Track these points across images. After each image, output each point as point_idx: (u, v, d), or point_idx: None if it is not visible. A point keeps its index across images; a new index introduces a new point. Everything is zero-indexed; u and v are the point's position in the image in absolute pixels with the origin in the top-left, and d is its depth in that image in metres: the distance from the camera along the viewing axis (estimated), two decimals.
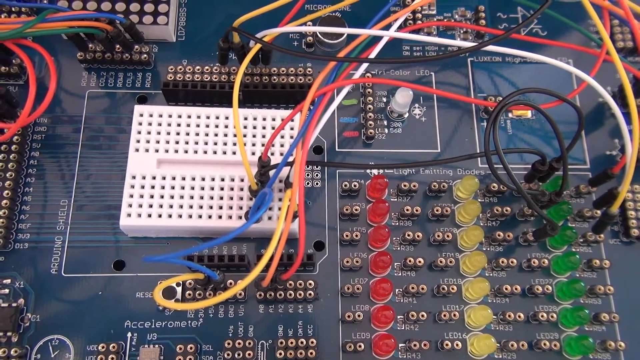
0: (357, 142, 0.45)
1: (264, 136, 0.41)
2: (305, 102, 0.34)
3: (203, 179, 0.39)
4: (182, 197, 0.39)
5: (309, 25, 0.41)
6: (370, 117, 0.44)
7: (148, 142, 0.40)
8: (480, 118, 0.46)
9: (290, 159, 0.35)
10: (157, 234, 0.40)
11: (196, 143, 0.40)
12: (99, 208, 0.41)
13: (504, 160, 0.34)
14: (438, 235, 0.40)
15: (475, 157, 0.38)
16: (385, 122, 0.45)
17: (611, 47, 0.36)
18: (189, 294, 0.38)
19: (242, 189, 0.39)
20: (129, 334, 0.38)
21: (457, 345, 0.38)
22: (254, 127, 0.41)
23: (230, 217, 0.39)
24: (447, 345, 0.38)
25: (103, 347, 0.36)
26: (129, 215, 0.38)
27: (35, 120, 0.43)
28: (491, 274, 0.41)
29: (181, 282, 0.39)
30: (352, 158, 0.44)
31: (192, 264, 0.33)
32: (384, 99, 0.46)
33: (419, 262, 0.40)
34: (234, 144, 0.40)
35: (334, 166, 0.43)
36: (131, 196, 0.39)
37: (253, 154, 0.40)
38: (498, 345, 0.39)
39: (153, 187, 0.39)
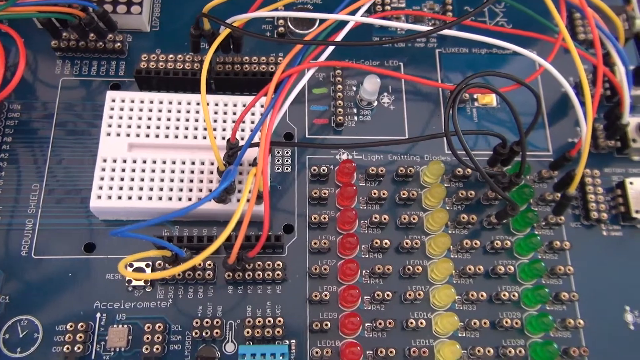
0: (327, 130, 0.46)
1: (233, 121, 0.42)
2: (270, 84, 0.35)
3: (174, 163, 0.40)
4: (152, 180, 0.40)
5: (280, 11, 0.42)
6: (339, 104, 0.45)
7: (120, 126, 0.41)
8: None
9: (257, 140, 0.36)
10: (128, 217, 0.41)
11: (167, 128, 0.41)
12: (70, 192, 0.42)
13: (463, 141, 0.36)
14: (404, 218, 0.41)
15: (437, 137, 0.39)
16: (355, 110, 0.46)
17: (566, 34, 0.37)
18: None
19: (212, 172, 0.40)
20: (98, 315, 0.38)
21: (421, 323, 0.39)
22: (225, 113, 0.42)
23: (200, 199, 0.39)
24: (411, 323, 0.39)
25: (71, 327, 0.37)
26: (99, 197, 0.39)
27: (9, 106, 0.44)
28: (456, 256, 0.42)
29: (151, 264, 0.39)
30: (321, 142, 0.45)
31: (157, 240, 0.33)
32: (354, 88, 0.47)
33: (386, 244, 0.41)
34: (204, 129, 0.41)
35: (298, 146, 0.44)
36: (102, 179, 0.39)
37: (223, 138, 0.41)
38: (462, 323, 0.40)
39: (124, 170, 0.40)
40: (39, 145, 0.43)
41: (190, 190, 0.40)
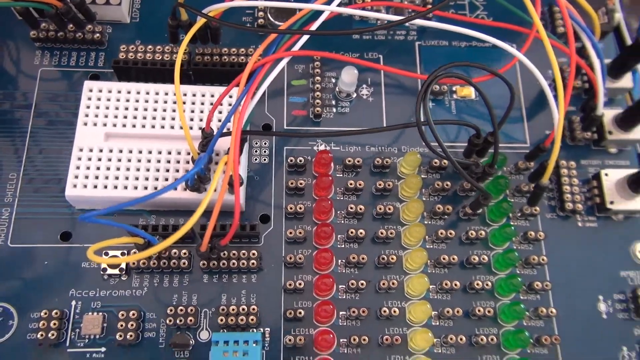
0: (306, 121, 0.46)
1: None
2: (243, 73, 0.35)
3: (150, 152, 0.40)
4: (128, 169, 0.40)
5: (257, 0, 0.42)
6: (318, 96, 0.45)
7: (96, 116, 0.41)
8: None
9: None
10: (105, 207, 0.41)
11: (144, 118, 0.41)
12: (48, 181, 0.42)
13: (434, 129, 0.36)
14: (380, 209, 0.42)
15: (409, 126, 0.40)
16: (334, 102, 0.47)
17: (539, 25, 0.38)
18: (134, 264, 0.39)
19: (188, 162, 0.40)
20: (73, 302, 0.39)
21: (394, 312, 0.39)
22: (202, 104, 0.42)
23: (175, 188, 0.40)
24: (385, 312, 0.39)
25: (46, 314, 0.37)
26: (75, 186, 0.39)
27: None
28: (431, 246, 0.42)
29: (126, 252, 0.39)
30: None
31: (129, 227, 0.33)
32: (333, 80, 0.47)
33: (361, 233, 0.41)
34: (172, 119, 0.41)
35: (271, 135, 0.44)
36: (77, 168, 0.40)
37: (200, 129, 0.41)
38: (435, 312, 0.40)
39: (100, 159, 0.40)
40: (17, 134, 0.43)
41: (166, 179, 0.40)
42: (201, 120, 0.42)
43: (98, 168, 0.40)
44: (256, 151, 0.44)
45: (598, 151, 0.47)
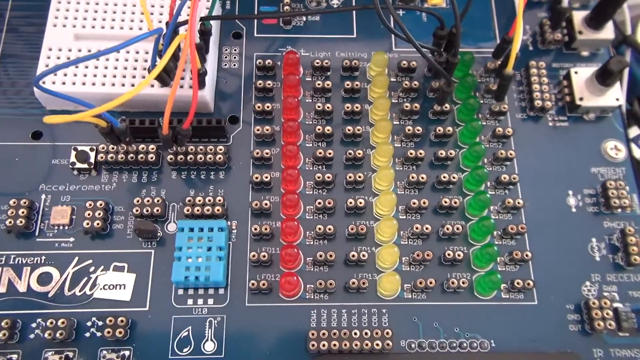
0: (276, 29, 0.46)
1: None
2: None
3: (118, 52, 0.41)
4: (96, 67, 0.40)
5: None
6: (287, 2, 0.46)
7: (66, 18, 0.42)
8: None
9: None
10: (76, 107, 0.42)
11: (113, 20, 0.42)
12: (19, 85, 0.42)
13: (392, 10, 0.36)
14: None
15: (368, 8, 0.40)
16: (304, 10, 0.47)
17: None
18: (102, 157, 0.39)
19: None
20: (43, 196, 0.39)
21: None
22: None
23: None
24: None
25: (14, 202, 0.38)
26: (44, 82, 0.40)
27: None
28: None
29: (95, 148, 0.40)
30: (270, 41, 0.45)
31: (89, 104, 0.34)
32: None
33: (328, 130, 0.41)
34: (141, 21, 0.42)
35: (226, 19, 0.45)
36: (47, 66, 0.40)
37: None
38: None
39: (69, 58, 0.40)
40: None
41: (134, 77, 0.40)
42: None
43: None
44: (226, 57, 0.45)
45: (570, 55, 0.46)
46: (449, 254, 0.38)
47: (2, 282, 0.37)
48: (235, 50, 0.45)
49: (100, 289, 0.37)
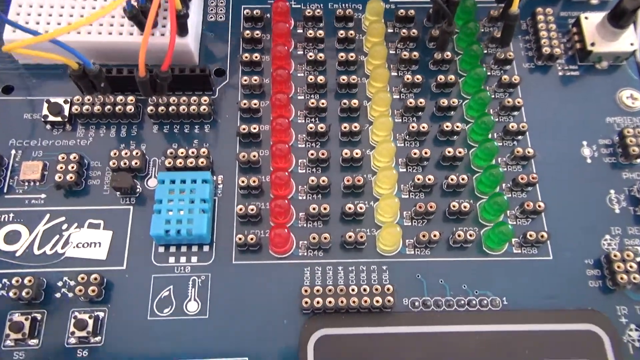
0: None
1: None
2: None
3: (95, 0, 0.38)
4: (71, 15, 0.38)
5: None
6: None
7: None
8: None
9: None
10: (48, 61, 0.39)
11: None
12: None
13: None
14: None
15: None
16: None
17: None
18: (76, 109, 0.36)
19: None
20: (13, 152, 0.36)
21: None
22: None
23: (120, 33, 0.37)
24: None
25: None
26: (14, 31, 0.37)
27: None
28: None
29: (69, 100, 0.37)
30: None
31: (62, 43, 0.31)
32: None
33: (321, 80, 0.38)
34: None
35: None
36: (18, 14, 0.37)
37: None
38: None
39: (42, 6, 0.38)
40: None
41: (111, 25, 0.38)
42: None
43: (39, 14, 0.37)
44: (212, 10, 0.42)
45: (577, 3, 0.44)
46: (454, 206, 0.35)
47: None
48: (221, 3, 0.42)
49: (74, 247, 0.34)
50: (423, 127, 0.37)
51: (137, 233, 0.34)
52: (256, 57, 0.39)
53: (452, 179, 0.36)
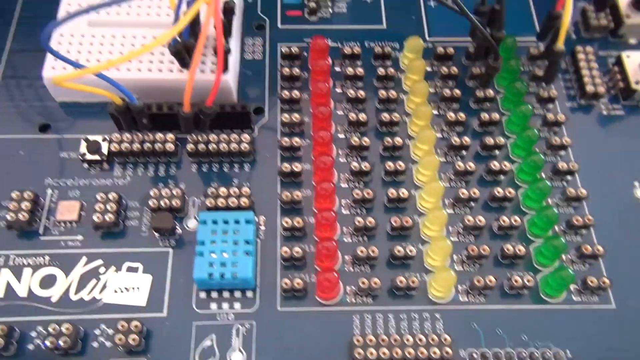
0: (301, 20, 0.43)
1: None
2: None
3: (134, 37, 0.38)
4: (111, 53, 0.37)
5: None
6: None
7: (80, 4, 0.39)
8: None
9: None
10: (86, 99, 0.38)
11: (129, 6, 0.39)
12: (28, 77, 0.39)
13: None
14: (382, 94, 0.38)
15: None
16: (330, 3, 0.44)
17: None
18: (115, 147, 0.35)
19: None
20: (49, 191, 0.35)
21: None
22: None
23: (160, 70, 0.37)
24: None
25: (18, 195, 0.33)
26: (53, 68, 0.36)
27: None
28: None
29: (107, 138, 0.36)
30: (295, 33, 0.42)
31: (107, 77, 0.30)
32: None
33: (362, 118, 0.37)
34: (159, 7, 0.39)
35: None
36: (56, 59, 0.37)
37: None
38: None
39: (81, 44, 0.37)
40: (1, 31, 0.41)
41: (151, 62, 0.37)
42: None
43: (79, 52, 0.37)
44: (249, 48, 0.42)
45: (616, 44, 0.43)
46: (508, 249, 0.34)
47: None
48: (258, 41, 0.42)
49: (111, 292, 0.32)
50: (470, 166, 0.36)
51: (177, 277, 0.33)
52: (296, 94, 0.38)
53: (503, 221, 0.34)
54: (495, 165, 0.36)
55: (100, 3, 0.27)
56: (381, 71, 0.39)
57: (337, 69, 0.41)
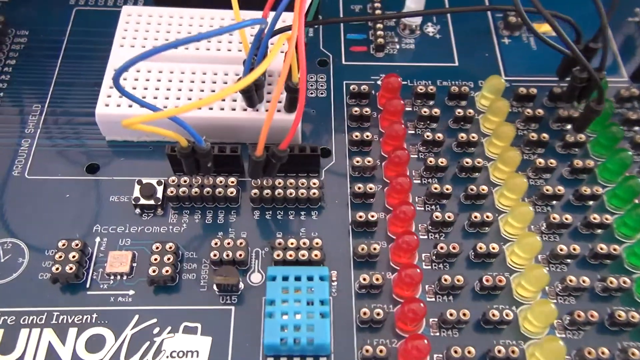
0: (366, 57, 0.40)
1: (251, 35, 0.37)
2: None
3: (193, 73, 0.35)
4: (168, 89, 0.34)
5: None
6: (379, 27, 0.40)
7: (135, 38, 0.36)
8: (499, 35, 0.42)
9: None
10: (139, 137, 0.35)
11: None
12: (75, 114, 0.36)
13: (542, 9, 0.30)
14: (462, 137, 0.35)
15: (506, 9, 0.34)
16: (396, 39, 0.41)
17: None
18: (172, 191, 0.32)
19: (226, 83, 0.35)
20: (98, 239, 0.32)
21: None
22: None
23: (222, 108, 0.34)
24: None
25: (64, 245, 0.30)
26: (107, 105, 0.34)
27: (16, 32, 0.40)
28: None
29: (163, 181, 0.33)
30: (360, 69, 0.40)
31: (177, 118, 0.27)
32: (393, 20, 0.42)
33: (442, 162, 0.34)
34: (219, 42, 0.36)
35: (332, 22, 0.41)
36: (111, 87, 0.34)
37: (240, 50, 0.36)
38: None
39: (136, 79, 0.35)
40: (43, 68, 0.39)
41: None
42: (240, 50, 0.37)
43: (134, 88, 0.34)
44: (312, 85, 0.39)
45: None
46: (611, 282, 0.30)
47: (40, 346, 0.28)
48: (321, 78, 0.39)
49: (167, 356, 0.28)
50: (566, 219, 0.32)
51: (241, 339, 0.29)
52: (367, 136, 0.35)
53: (611, 281, 0.30)
54: (595, 217, 0.32)
55: (167, 44, 0.24)
56: (459, 112, 0.36)
57: (408, 108, 0.38)
